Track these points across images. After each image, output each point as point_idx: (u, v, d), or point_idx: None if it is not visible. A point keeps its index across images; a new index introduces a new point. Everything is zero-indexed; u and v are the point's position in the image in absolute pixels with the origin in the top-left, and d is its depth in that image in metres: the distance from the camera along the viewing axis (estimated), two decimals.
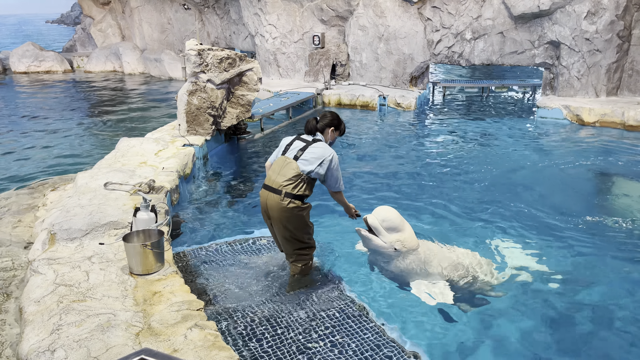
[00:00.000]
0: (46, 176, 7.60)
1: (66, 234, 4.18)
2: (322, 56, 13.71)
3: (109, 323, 3.02)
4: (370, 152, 8.94)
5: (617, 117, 10.14)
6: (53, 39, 44.16)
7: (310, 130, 4.10)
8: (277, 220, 3.95)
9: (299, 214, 3.93)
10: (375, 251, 4.23)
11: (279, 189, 3.87)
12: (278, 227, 3.99)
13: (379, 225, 4.08)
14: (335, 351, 3.39)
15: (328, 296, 4.07)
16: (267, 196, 3.95)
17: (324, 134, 4.10)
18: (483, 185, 7.20)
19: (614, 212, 6.30)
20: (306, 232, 4.09)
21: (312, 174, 3.90)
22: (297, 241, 4.07)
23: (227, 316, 3.78)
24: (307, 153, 3.92)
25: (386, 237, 4.09)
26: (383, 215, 4.12)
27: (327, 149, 3.97)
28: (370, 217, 4.12)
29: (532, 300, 4.37)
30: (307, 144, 3.99)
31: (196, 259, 4.68)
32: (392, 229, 4.11)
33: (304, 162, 3.89)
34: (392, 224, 4.11)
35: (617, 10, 10.49)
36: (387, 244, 4.09)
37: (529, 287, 4.57)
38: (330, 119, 4.12)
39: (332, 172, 3.95)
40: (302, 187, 3.89)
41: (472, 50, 12.12)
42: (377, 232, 4.10)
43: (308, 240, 4.14)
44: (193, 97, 7.57)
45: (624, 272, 4.87)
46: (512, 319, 4.06)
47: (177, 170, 6.10)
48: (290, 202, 3.86)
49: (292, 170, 3.88)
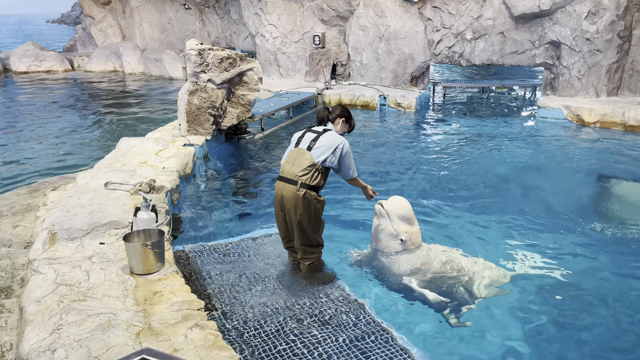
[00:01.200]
0: (47, 176, 7.60)
1: (67, 233, 4.18)
2: (323, 56, 13.71)
3: (110, 323, 3.02)
4: (371, 152, 8.93)
5: (617, 118, 10.13)
6: (53, 39, 44.17)
7: (321, 119, 4.20)
8: (291, 212, 3.99)
9: (314, 206, 3.98)
10: (379, 240, 4.24)
11: (295, 180, 3.92)
12: (291, 217, 4.03)
13: (394, 212, 4.16)
14: (337, 351, 3.39)
15: (330, 296, 4.07)
16: (283, 187, 3.99)
17: (334, 125, 4.18)
18: (483, 186, 7.20)
19: (614, 212, 6.30)
20: (317, 227, 4.13)
21: (326, 162, 3.96)
22: (307, 236, 4.11)
23: (228, 316, 3.78)
24: (319, 142, 3.99)
25: (397, 225, 4.15)
26: (399, 203, 4.23)
27: (337, 137, 4.04)
28: (386, 203, 4.20)
29: (532, 300, 4.36)
30: (318, 134, 4.05)
31: (197, 258, 4.68)
32: (404, 219, 4.18)
33: (317, 151, 3.95)
34: (406, 214, 4.21)
35: (618, 10, 10.48)
36: (396, 232, 4.14)
37: (529, 287, 4.56)
38: (342, 110, 4.23)
39: (344, 160, 4.03)
40: (317, 177, 3.95)
41: (472, 50, 12.12)
42: (390, 217, 4.16)
43: (317, 237, 4.19)
44: (193, 97, 7.57)
45: (623, 271, 4.87)
46: (506, 321, 4.06)
47: (177, 170, 6.10)
48: (307, 193, 3.91)
49: (307, 161, 3.93)
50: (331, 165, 4.00)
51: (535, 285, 4.59)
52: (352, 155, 4.13)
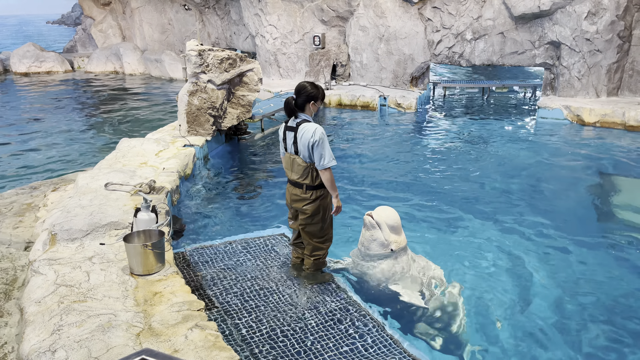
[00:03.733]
0: (47, 176, 7.61)
1: (67, 234, 4.18)
2: (323, 56, 13.72)
3: (110, 323, 3.02)
4: (371, 152, 8.93)
5: (617, 118, 10.13)
6: (54, 40, 44.20)
7: (290, 112, 4.02)
8: (301, 211, 4.13)
9: (322, 202, 4.09)
10: (370, 250, 4.24)
11: (300, 183, 4.04)
12: (304, 218, 4.14)
13: (384, 222, 4.16)
14: (337, 350, 3.39)
15: (330, 296, 4.07)
16: (292, 190, 4.15)
17: (305, 111, 3.99)
18: (483, 186, 7.20)
19: (614, 212, 6.30)
20: (326, 222, 4.20)
21: (311, 158, 3.99)
22: (320, 231, 4.19)
23: (228, 316, 3.78)
24: (299, 143, 3.95)
25: (388, 235, 4.16)
26: (388, 213, 4.25)
27: (309, 130, 3.87)
28: (376, 214, 4.21)
29: (531, 301, 4.37)
30: (295, 133, 3.96)
31: (197, 259, 4.68)
32: (393, 229, 4.19)
33: (303, 151, 3.96)
34: (395, 223, 4.23)
35: (618, 10, 10.48)
36: (387, 241, 4.16)
37: (528, 287, 4.57)
38: (307, 94, 3.94)
39: (317, 150, 3.87)
40: (317, 176, 4.01)
41: (472, 50, 12.12)
42: (380, 228, 4.17)
43: (327, 232, 4.26)
44: (194, 98, 7.57)
45: (623, 271, 4.87)
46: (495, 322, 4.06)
47: (177, 171, 6.10)
48: (313, 193, 4.03)
49: (300, 166, 4.00)
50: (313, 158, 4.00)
51: (533, 284, 4.59)
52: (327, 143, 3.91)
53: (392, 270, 4.22)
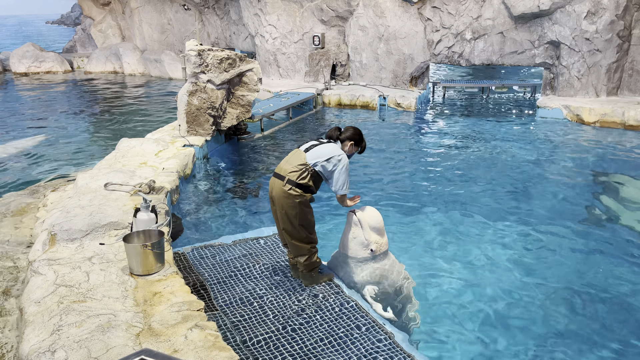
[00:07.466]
0: (47, 177, 7.60)
1: (66, 234, 4.18)
2: (322, 56, 13.71)
3: (110, 324, 3.02)
4: (370, 152, 8.93)
5: (617, 117, 10.13)
6: (53, 40, 44.19)
7: (330, 137, 4.19)
8: (279, 207, 4.05)
9: (298, 202, 3.98)
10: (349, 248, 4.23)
11: (284, 176, 3.99)
12: (280, 213, 4.07)
13: (366, 222, 4.17)
14: (337, 350, 3.39)
15: (329, 295, 4.07)
16: (274, 182, 4.08)
17: (343, 145, 4.15)
18: (483, 185, 7.20)
19: (614, 212, 6.30)
20: (306, 225, 4.11)
21: (317, 166, 3.97)
22: (296, 231, 4.10)
23: (228, 316, 3.78)
24: (319, 148, 4.04)
25: (369, 235, 4.16)
26: (371, 214, 4.23)
27: (339, 151, 4.05)
28: (359, 212, 4.20)
29: (530, 301, 4.37)
30: (322, 143, 4.11)
31: (196, 259, 4.68)
32: (375, 230, 4.19)
33: (313, 154, 4.00)
34: (377, 224, 4.23)
35: (617, 10, 10.49)
36: (367, 241, 4.15)
37: (528, 287, 4.57)
38: (353, 133, 4.15)
39: (335, 173, 4.02)
40: (305, 177, 3.97)
41: (472, 50, 12.12)
42: (362, 227, 4.17)
43: (308, 234, 4.16)
44: (193, 98, 7.58)
45: (622, 270, 4.87)
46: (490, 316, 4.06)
47: (177, 171, 6.10)
48: (292, 189, 3.94)
49: (300, 160, 4.00)
50: (322, 171, 4.02)
51: (533, 284, 4.60)
52: (349, 172, 4.09)
53: (371, 273, 4.21)
